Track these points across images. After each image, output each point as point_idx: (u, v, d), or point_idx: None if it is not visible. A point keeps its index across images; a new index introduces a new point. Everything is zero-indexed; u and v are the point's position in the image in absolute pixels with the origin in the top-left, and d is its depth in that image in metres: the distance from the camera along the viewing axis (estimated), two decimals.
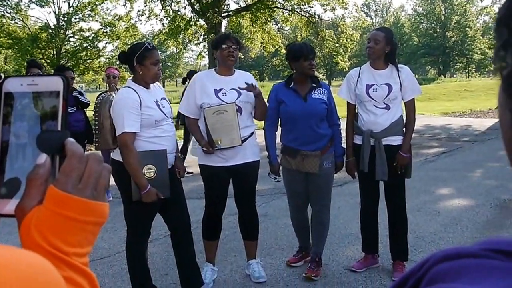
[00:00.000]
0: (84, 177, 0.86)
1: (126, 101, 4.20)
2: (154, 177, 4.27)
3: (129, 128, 4.15)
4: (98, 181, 0.88)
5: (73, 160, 0.86)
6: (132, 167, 4.18)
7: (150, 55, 4.27)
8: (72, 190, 0.84)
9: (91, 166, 0.88)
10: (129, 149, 4.16)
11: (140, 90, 4.28)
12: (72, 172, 0.85)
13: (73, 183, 0.85)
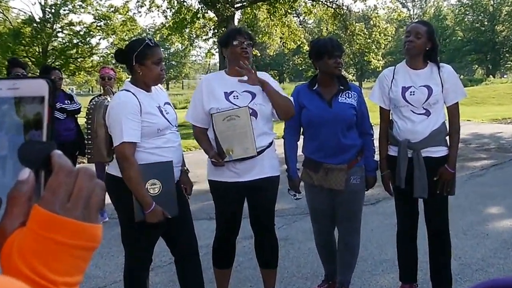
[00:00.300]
0: (74, 195, 0.85)
1: (124, 106, 4.18)
2: (159, 193, 4.26)
3: (129, 138, 4.13)
4: (90, 199, 0.87)
5: (60, 175, 0.85)
6: (134, 182, 4.16)
7: (151, 53, 4.26)
8: (59, 209, 0.83)
9: (81, 182, 0.87)
10: (129, 162, 4.14)
11: (139, 93, 4.28)
12: (60, 189, 0.84)
13: (61, 201, 0.84)
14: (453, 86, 5.02)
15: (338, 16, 31.15)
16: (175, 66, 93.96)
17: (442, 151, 5.02)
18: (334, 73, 4.91)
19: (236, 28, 4.94)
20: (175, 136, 4.45)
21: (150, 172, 4.24)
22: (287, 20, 31.14)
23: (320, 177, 4.98)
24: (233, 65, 4.76)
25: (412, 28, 5.02)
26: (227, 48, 4.75)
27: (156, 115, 4.27)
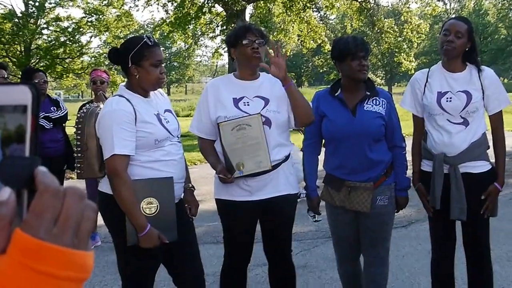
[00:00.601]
0: (61, 219, 0.84)
1: (115, 114, 4.17)
2: (156, 214, 4.23)
3: (120, 150, 4.11)
4: (80, 223, 0.86)
5: (46, 196, 0.83)
6: (125, 201, 4.14)
7: (150, 54, 4.25)
8: (45, 235, 0.81)
9: (69, 204, 0.85)
10: (120, 178, 4.12)
11: (135, 99, 4.27)
12: (45, 212, 0.83)
13: (47, 226, 0.82)
14: (496, 93, 5.00)
15: (364, 11, 31.18)
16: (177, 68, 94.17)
17: (483, 167, 4.99)
18: (357, 78, 4.82)
19: (245, 25, 4.88)
20: (176, 148, 4.44)
21: (146, 189, 4.22)
22: (305, 15, 31.15)
23: (343, 196, 4.91)
24: (244, 67, 4.76)
25: (451, 26, 4.96)
26: (235, 48, 4.73)
27: (153, 124, 4.26)
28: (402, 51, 37.27)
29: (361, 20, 32.63)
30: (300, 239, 8.04)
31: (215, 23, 31.60)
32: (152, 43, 4.29)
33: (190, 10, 30.16)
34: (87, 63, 33.52)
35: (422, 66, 55.32)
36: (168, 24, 31.58)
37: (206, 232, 8.39)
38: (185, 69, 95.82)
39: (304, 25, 31.17)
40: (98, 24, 33.11)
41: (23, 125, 0.87)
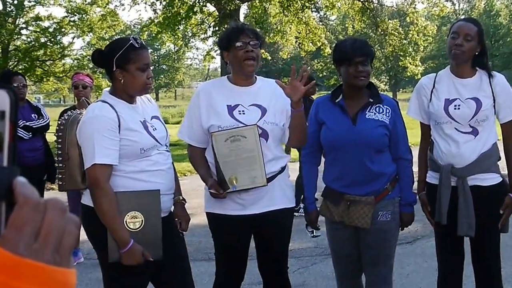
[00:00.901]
0: (42, 234, 0.84)
1: (97, 120, 4.14)
2: (141, 229, 4.19)
3: (102, 159, 4.06)
4: (61, 239, 0.86)
5: (26, 209, 0.84)
6: (106, 214, 4.10)
7: (136, 57, 4.20)
8: (24, 251, 0.82)
9: (51, 218, 0.85)
10: (101, 189, 4.08)
11: (119, 105, 4.24)
12: (25, 227, 0.83)
13: (27, 241, 0.82)
14: (507, 100, 5.00)
15: (367, 12, 31.18)
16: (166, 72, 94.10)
17: (493, 179, 4.99)
18: (355, 84, 4.77)
19: (237, 26, 4.82)
20: (164, 157, 4.40)
21: (131, 202, 4.18)
22: (304, 15, 31.11)
23: (341, 211, 4.85)
24: (238, 71, 4.72)
25: (460, 29, 4.94)
26: (228, 51, 4.68)
27: (138, 132, 4.22)
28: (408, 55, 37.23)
29: (363, 21, 32.66)
30: (297, 256, 8.06)
31: (207, 23, 31.56)
32: (139, 45, 4.23)
33: (180, 9, 30.04)
34: (69, 66, 33.47)
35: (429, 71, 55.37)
36: (156, 25, 31.42)
37: (197, 248, 8.38)
38: (174, 72, 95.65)
39: (302, 26, 31.11)
40: (81, 24, 33.03)
41: (1, 133, 0.86)
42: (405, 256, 7.75)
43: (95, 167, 4.07)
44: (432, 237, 5.41)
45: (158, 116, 4.55)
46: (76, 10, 33.14)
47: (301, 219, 5.13)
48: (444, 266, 5.28)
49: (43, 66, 33.07)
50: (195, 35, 33.38)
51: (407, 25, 39.43)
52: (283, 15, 30.65)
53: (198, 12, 30.56)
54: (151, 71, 4.35)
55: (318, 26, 32.92)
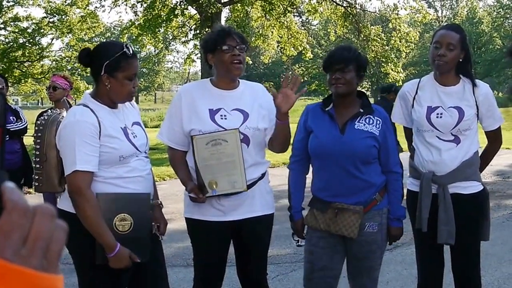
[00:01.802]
0: (30, 240, 0.83)
1: (78, 126, 4.09)
2: (129, 232, 4.17)
3: (83, 166, 4.02)
4: (50, 245, 0.85)
5: (14, 214, 0.83)
6: (91, 221, 4.05)
7: (127, 66, 4.16)
8: (13, 257, 0.81)
9: (39, 224, 0.85)
10: (84, 196, 4.04)
11: (101, 110, 4.20)
12: (13, 232, 0.82)
13: (15, 247, 0.82)
14: (490, 110, 5.05)
15: (349, 17, 31.25)
16: (147, 75, 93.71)
17: (474, 187, 5.02)
18: (333, 93, 4.75)
19: (224, 29, 4.77)
20: (142, 163, 4.37)
21: (121, 204, 4.17)
22: (286, 20, 31.14)
23: (328, 219, 4.75)
24: (223, 75, 4.70)
25: (442, 38, 4.94)
26: (213, 54, 4.64)
27: (119, 139, 4.19)
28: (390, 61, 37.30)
29: (346, 27, 32.71)
30: (276, 263, 8.03)
31: (188, 26, 31.52)
32: (131, 54, 4.20)
33: (161, 12, 30.00)
34: (48, 67, 33.27)
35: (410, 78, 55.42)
36: (137, 27, 31.35)
37: (175, 254, 8.35)
38: (154, 76, 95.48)
39: (284, 30, 31.17)
40: (61, 25, 32.87)
41: None
42: (385, 264, 7.71)
43: (77, 174, 4.03)
44: (411, 245, 5.43)
45: (139, 121, 4.52)
46: (56, 11, 32.96)
47: (280, 226, 5.10)
48: (424, 274, 5.29)
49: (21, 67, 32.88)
50: (176, 38, 33.29)
51: (389, 31, 39.60)
52: (265, 19, 30.70)
53: (179, 15, 30.53)
54: (137, 80, 4.32)
55: (300, 31, 33.00)
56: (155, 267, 4.53)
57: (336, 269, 4.94)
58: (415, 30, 38.83)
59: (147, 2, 30.24)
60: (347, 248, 4.86)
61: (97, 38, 50.77)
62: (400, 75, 36.65)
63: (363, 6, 32.58)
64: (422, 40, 66.80)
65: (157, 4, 29.78)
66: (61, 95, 8.15)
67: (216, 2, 27.56)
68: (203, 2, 27.26)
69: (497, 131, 5.17)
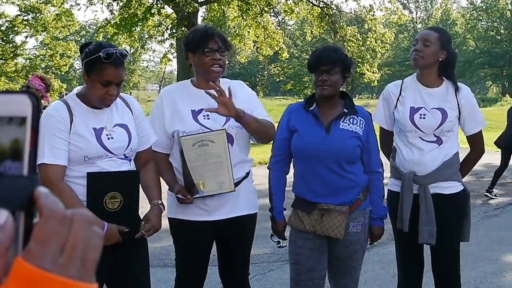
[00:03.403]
0: (68, 248, 0.81)
1: (50, 119, 4.07)
2: (119, 209, 4.16)
3: (51, 159, 3.98)
4: (86, 253, 0.82)
5: (51, 222, 0.81)
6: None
7: (100, 70, 4.04)
8: (51, 266, 0.78)
9: (77, 232, 0.82)
10: (56, 188, 3.95)
11: (78, 108, 4.17)
12: (51, 240, 0.80)
13: (53, 255, 0.79)
14: (472, 113, 5.09)
15: (325, 17, 31.33)
16: None
17: (454, 187, 5.04)
18: (318, 94, 4.72)
19: (207, 30, 4.66)
20: (115, 164, 4.25)
21: (111, 183, 4.16)
22: (262, 20, 31.21)
23: (314, 220, 4.69)
24: (203, 76, 4.66)
25: (420, 35, 5.05)
26: (194, 54, 4.61)
27: (85, 139, 4.12)
28: (365, 61, 37.40)
29: (322, 27, 32.76)
30: (255, 262, 7.98)
31: (164, 25, 31.47)
32: (108, 60, 4.03)
33: (137, 10, 29.90)
34: (22, 66, 33.12)
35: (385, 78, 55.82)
36: (112, 26, 31.22)
37: (152, 254, 8.16)
38: (130, 75, 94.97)
39: (260, 30, 31.22)
40: (35, 23, 32.73)
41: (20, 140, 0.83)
42: (363, 264, 7.76)
43: (46, 167, 3.99)
44: (388, 244, 5.44)
45: (126, 124, 4.38)
46: (30, 8, 32.82)
47: (258, 225, 5.05)
48: (404, 274, 5.29)
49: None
50: (152, 37, 33.15)
51: (365, 31, 39.72)
52: (242, 19, 30.73)
53: (155, 14, 30.47)
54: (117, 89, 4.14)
55: (276, 31, 33.04)
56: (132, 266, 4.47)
57: (323, 269, 4.90)
58: (390, 31, 39.03)
59: (123, 1, 30.10)
60: (330, 249, 4.83)
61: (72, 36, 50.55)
62: (375, 75, 36.83)
63: (339, 7, 32.68)
64: (397, 41, 67.09)
65: (133, 3, 29.65)
66: (40, 93, 8.04)
67: (192, 2, 27.49)
68: (179, 2, 27.18)
69: (478, 135, 5.18)
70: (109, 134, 4.23)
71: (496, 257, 8.57)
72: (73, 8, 32.87)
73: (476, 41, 79.73)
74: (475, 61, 77.08)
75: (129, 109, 4.48)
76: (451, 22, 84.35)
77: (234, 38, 31.38)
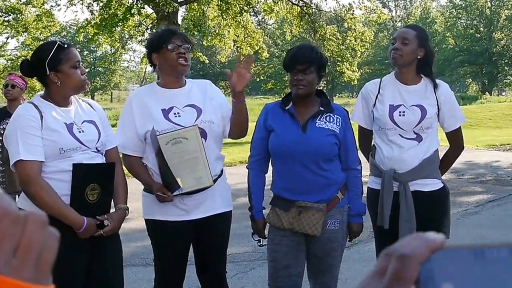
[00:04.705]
0: (21, 249, 0.77)
1: (21, 118, 4.17)
2: (97, 200, 4.28)
3: (27, 156, 4.06)
4: (41, 255, 0.79)
5: (4, 222, 0.77)
6: (52, 206, 4.07)
7: (67, 56, 4.22)
8: (3, 268, 0.75)
9: (31, 233, 0.78)
10: (36, 184, 4.08)
11: (46, 107, 4.25)
12: (4, 241, 0.76)
13: (5, 257, 0.76)
14: (452, 110, 5.10)
15: (305, 16, 31.32)
16: (103, 74, 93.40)
17: (434, 185, 5.06)
18: (294, 93, 4.74)
19: (169, 28, 4.87)
20: (89, 157, 4.33)
21: (92, 175, 4.27)
22: (242, 19, 31.19)
23: (292, 218, 4.72)
24: (169, 74, 4.73)
25: (399, 34, 5.06)
26: (158, 53, 4.69)
27: (58, 132, 4.20)
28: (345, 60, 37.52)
29: (301, 26, 32.73)
30: (235, 261, 8.00)
31: (145, 25, 31.36)
32: (66, 45, 4.28)
33: (117, 11, 29.81)
34: (3, 67, 33.11)
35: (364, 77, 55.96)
36: (93, 26, 31.07)
37: (133, 254, 8.27)
38: (110, 75, 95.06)
39: (240, 30, 31.22)
40: (16, 24, 32.63)
41: None
42: (343, 261, 7.66)
43: (24, 164, 4.08)
44: (369, 242, 5.42)
45: (93, 120, 4.49)
46: (10, 9, 32.74)
47: (238, 224, 5.05)
48: None
49: None
50: (132, 37, 33.06)
51: (345, 30, 39.81)
52: (222, 19, 30.69)
53: (135, 14, 30.36)
54: (83, 67, 4.36)
55: (256, 30, 33.01)
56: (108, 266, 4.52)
57: (300, 267, 4.91)
58: (370, 30, 39.12)
59: (103, 1, 30.00)
60: (308, 246, 4.85)
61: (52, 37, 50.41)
62: (355, 74, 36.90)
63: (319, 6, 32.66)
64: (376, 40, 67.36)
65: (114, 3, 29.57)
66: (18, 94, 8.10)
67: (172, 2, 27.43)
68: (159, 1, 27.13)
69: (458, 131, 5.20)
70: (79, 128, 4.33)
71: None
72: (53, 8, 32.94)
73: (455, 39, 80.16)
74: (455, 59, 77.50)
75: (93, 110, 4.59)
76: (430, 21, 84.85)
77: (214, 37, 31.41)
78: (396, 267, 0.82)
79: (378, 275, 0.84)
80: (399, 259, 0.82)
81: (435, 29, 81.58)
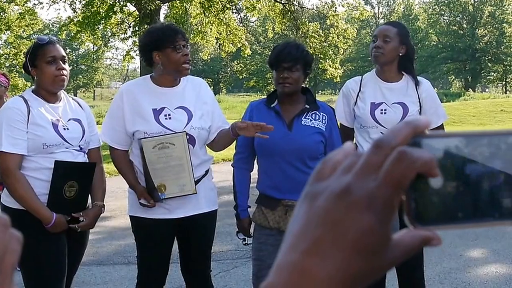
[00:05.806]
0: None
1: (7, 111, 4.32)
2: (74, 197, 4.41)
3: (8, 148, 4.20)
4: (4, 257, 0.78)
5: None
6: (25, 199, 4.27)
7: (42, 52, 4.38)
8: None
9: None
10: (13, 177, 4.24)
11: (35, 101, 4.37)
12: None
13: None
14: (433, 107, 5.09)
15: (287, 14, 31.34)
16: (85, 72, 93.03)
17: None
18: (280, 91, 4.72)
19: (170, 27, 4.75)
20: (72, 156, 4.44)
21: (72, 172, 4.39)
22: (225, 17, 31.17)
23: (278, 216, 4.73)
24: (169, 73, 4.66)
25: (379, 31, 5.04)
26: (160, 51, 4.57)
27: (43, 128, 4.32)
28: (328, 57, 37.56)
29: (284, 23, 32.74)
30: (218, 259, 8.00)
31: (127, 23, 31.28)
32: (44, 41, 4.41)
33: (99, 8, 29.75)
34: None
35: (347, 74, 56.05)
36: (75, 24, 31.00)
37: (116, 252, 8.25)
38: (93, 72, 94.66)
39: (223, 27, 31.18)
40: None
41: None
42: None
43: (5, 156, 4.22)
44: None
45: (79, 119, 4.59)
46: None
47: (221, 222, 5.04)
48: None
49: None
50: (114, 35, 32.98)
51: (327, 27, 39.77)
52: (204, 16, 30.65)
53: (118, 12, 30.26)
54: (61, 64, 4.43)
55: (238, 28, 32.94)
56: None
57: None
58: (353, 27, 39.19)
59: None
60: None
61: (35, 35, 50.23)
62: (338, 71, 36.99)
63: (301, 3, 32.67)
64: (359, 37, 67.46)
65: (96, 1, 29.50)
66: (1, 92, 8.05)
67: None
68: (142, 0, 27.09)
69: (440, 129, 5.16)
70: (65, 125, 4.44)
71: (460, 253, 8.58)
72: (36, 6, 32.72)
73: (438, 35, 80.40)
74: (438, 56, 77.74)
75: (81, 109, 4.69)
76: (413, 17, 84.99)
77: (196, 35, 31.34)
78: (395, 168, 0.72)
79: (369, 170, 0.73)
80: (399, 157, 0.71)
81: (418, 25, 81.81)
